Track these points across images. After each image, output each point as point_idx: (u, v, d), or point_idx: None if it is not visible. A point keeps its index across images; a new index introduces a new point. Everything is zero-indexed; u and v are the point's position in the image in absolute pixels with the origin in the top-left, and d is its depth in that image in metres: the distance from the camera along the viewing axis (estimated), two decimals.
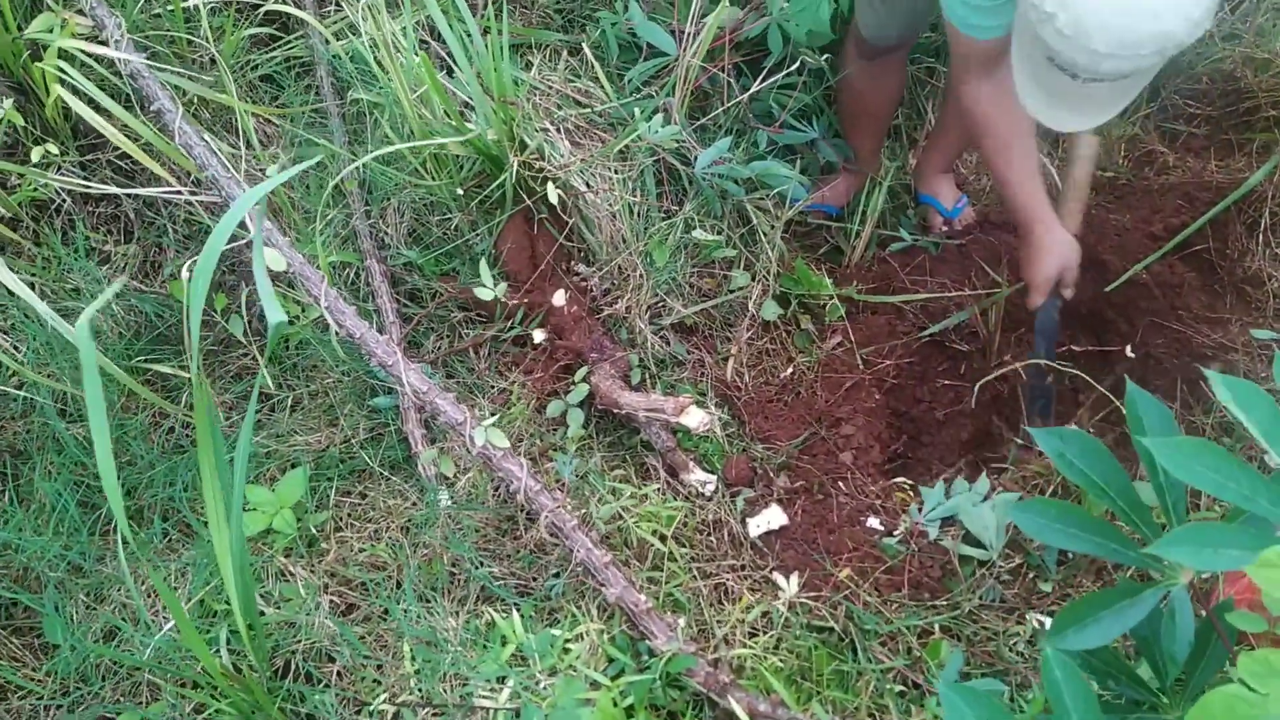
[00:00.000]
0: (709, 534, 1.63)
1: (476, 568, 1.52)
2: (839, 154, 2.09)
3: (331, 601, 1.54)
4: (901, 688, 1.38)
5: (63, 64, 1.75)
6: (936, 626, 1.49)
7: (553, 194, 1.72)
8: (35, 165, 1.80)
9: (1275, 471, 0.93)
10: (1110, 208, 2.11)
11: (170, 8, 1.93)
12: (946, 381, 1.97)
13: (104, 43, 1.80)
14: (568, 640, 1.38)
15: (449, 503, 1.63)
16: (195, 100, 1.95)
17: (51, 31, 1.78)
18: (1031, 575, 1.52)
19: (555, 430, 1.74)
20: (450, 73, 1.84)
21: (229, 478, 1.24)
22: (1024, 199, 1.70)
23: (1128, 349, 1.94)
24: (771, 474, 1.74)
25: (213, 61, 1.95)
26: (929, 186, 2.14)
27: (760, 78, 1.94)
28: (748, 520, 1.65)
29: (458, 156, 1.78)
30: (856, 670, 1.43)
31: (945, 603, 1.51)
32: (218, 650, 1.42)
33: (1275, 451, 0.87)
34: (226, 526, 1.23)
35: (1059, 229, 1.73)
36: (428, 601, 1.49)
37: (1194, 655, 1.04)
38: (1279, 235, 2.06)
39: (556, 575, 1.51)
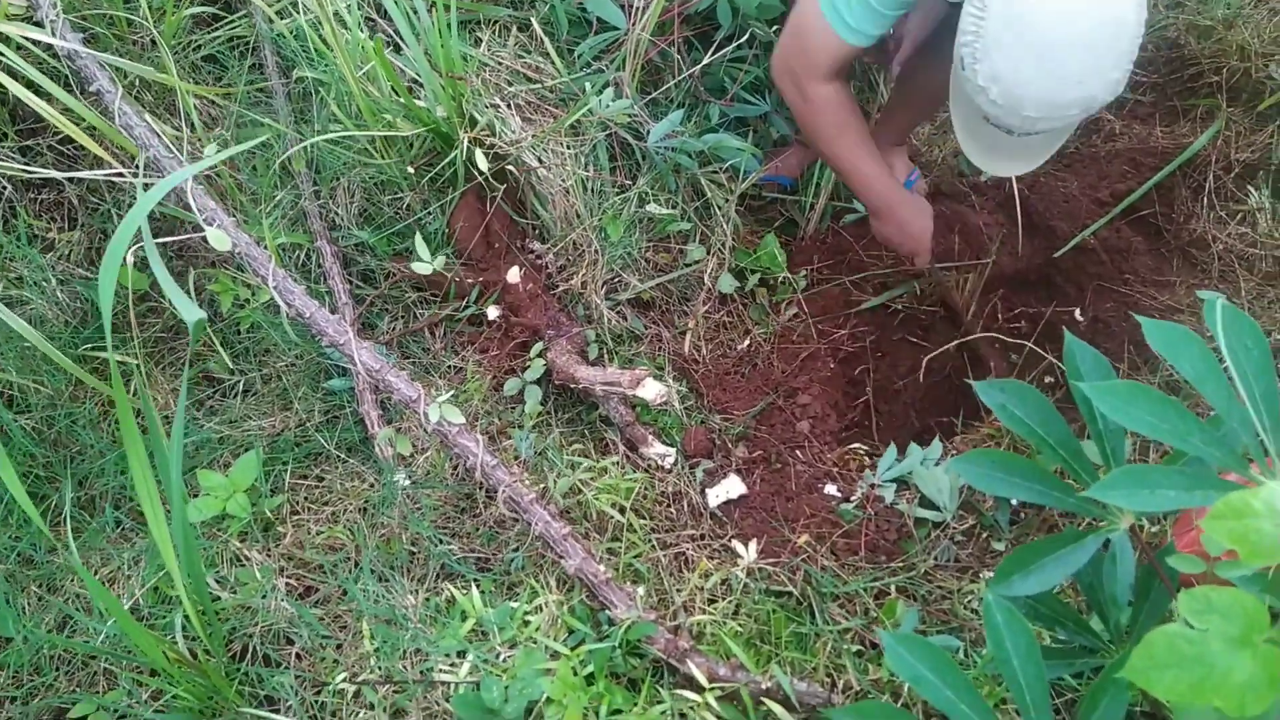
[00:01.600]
0: (668, 505, 1.63)
1: (436, 545, 1.51)
2: (791, 127, 2.10)
3: (289, 584, 1.53)
4: (858, 647, 1.40)
5: None
6: (893, 588, 1.51)
7: (482, 162, 1.69)
8: None
9: (1211, 415, 0.95)
10: (1058, 175, 2.14)
11: None
12: (905, 349, 1.99)
13: (39, 24, 1.76)
14: (527, 613, 1.38)
15: (407, 482, 1.62)
16: (137, 82, 1.91)
17: None
18: (985, 535, 1.54)
19: (513, 408, 1.73)
20: (397, 49, 1.82)
21: (171, 464, 1.22)
22: (881, 181, 1.74)
23: (1076, 313, 1.97)
24: (730, 444, 1.75)
25: (154, 43, 1.91)
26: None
27: (710, 50, 1.94)
28: (707, 491, 1.66)
29: (407, 135, 1.77)
30: (815, 632, 1.45)
31: (901, 564, 1.52)
32: (173, 636, 1.40)
33: (1206, 392, 0.89)
34: (164, 513, 1.22)
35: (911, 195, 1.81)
36: (386, 581, 1.48)
37: (1138, 600, 1.06)
38: (1223, 199, 2.10)
39: (516, 550, 1.51)
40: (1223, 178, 2.10)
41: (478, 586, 1.44)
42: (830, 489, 1.68)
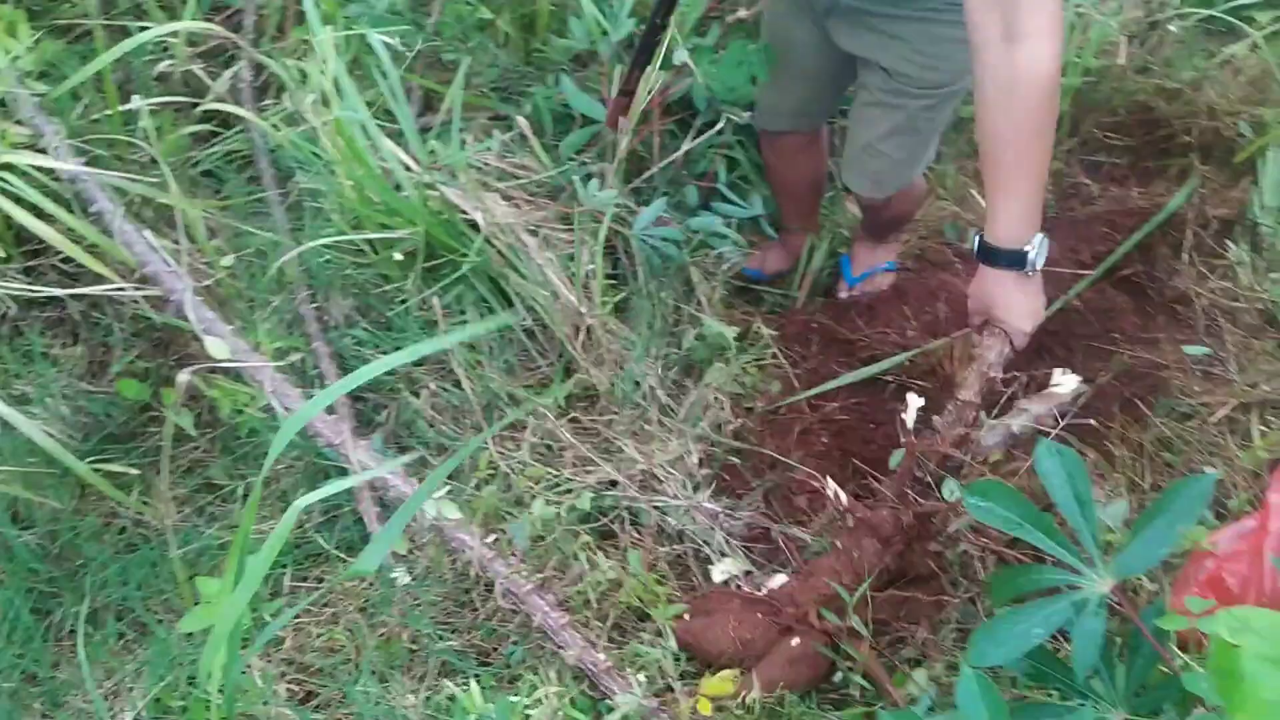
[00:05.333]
0: (669, 586, 1.63)
1: (435, 642, 1.50)
2: (774, 225, 2.15)
3: (290, 689, 1.52)
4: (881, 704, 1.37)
5: (3, 174, 1.78)
6: (907, 664, 1.49)
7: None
8: None
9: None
10: None
11: (109, 112, 1.98)
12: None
13: (43, 150, 1.84)
14: (527, 707, 1.36)
15: (407, 579, 1.62)
16: (138, 200, 1.98)
17: None
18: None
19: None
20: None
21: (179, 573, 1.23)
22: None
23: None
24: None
25: (153, 161, 1.99)
26: (850, 249, 2.20)
27: (691, 135, 2.01)
28: (709, 568, 1.66)
29: (398, 234, 1.82)
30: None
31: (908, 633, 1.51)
32: None
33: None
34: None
35: None
36: (386, 681, 1.47)
37: (1130, 657, 1.07)
38: (1203, 254, 2.13)
39: (516, 643, 1.50)
40: (1201, 234, 2.14)
41: (478, 681, 1.42)
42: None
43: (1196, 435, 1.77)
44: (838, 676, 1.44)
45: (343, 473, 1.73)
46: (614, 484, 1.69)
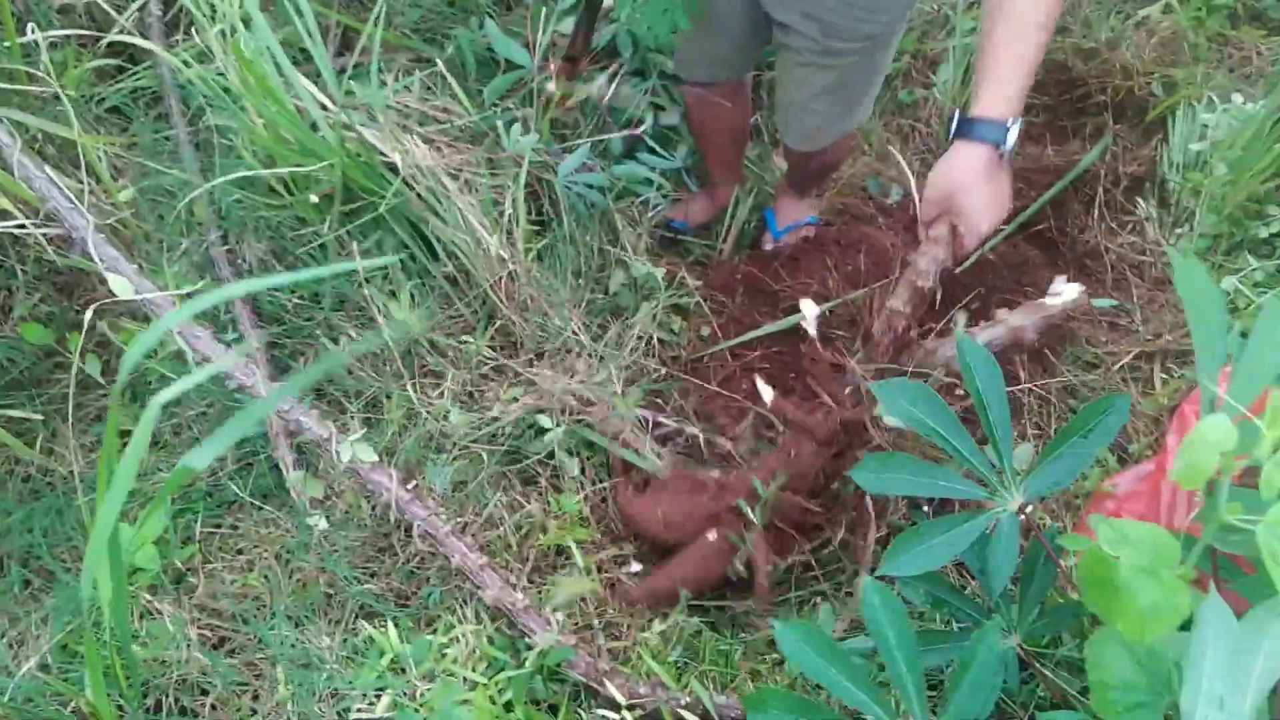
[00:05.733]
0: (592, 528, 1.64)
1: (352, 586, 1.49)
2: (698, 179, 2.15)
3: (202, 635, 1.49)
4: (776, 655, 1.41)
5: None
6: (819, 597, 1.53)
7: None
8: None
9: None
10: None
11: (6, 44, 1.87)
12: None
13: None
14: (444, 645, 1.37)
15: (325, 525, 1.60)
16: (39, 135, 1.89)
17: None
18: None
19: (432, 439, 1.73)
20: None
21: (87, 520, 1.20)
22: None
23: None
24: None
25: (56, 97, 1.90)
26: (774, 202, 2.22)
27: (615, 83, 1.99)
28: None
29: (312, 172, 1.77)
30: (740, 647, 1.46)
31: (824, 573, 1.55)
32: (83, 690, 1.36)
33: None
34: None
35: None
36: (302, 625, 1.46)
37: (1024, 577, 1.10)
38: (1113, 210, 2.20)
39: (435, 585, 1.50)
40: (1112, 191, 2.20)
41: (395, 623, 1.42)
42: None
43: (1101, 383, 1.84)
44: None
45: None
46: (540, 414, 1.69)
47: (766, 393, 1.53)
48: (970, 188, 1.29)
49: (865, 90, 1.79)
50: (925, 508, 1.61)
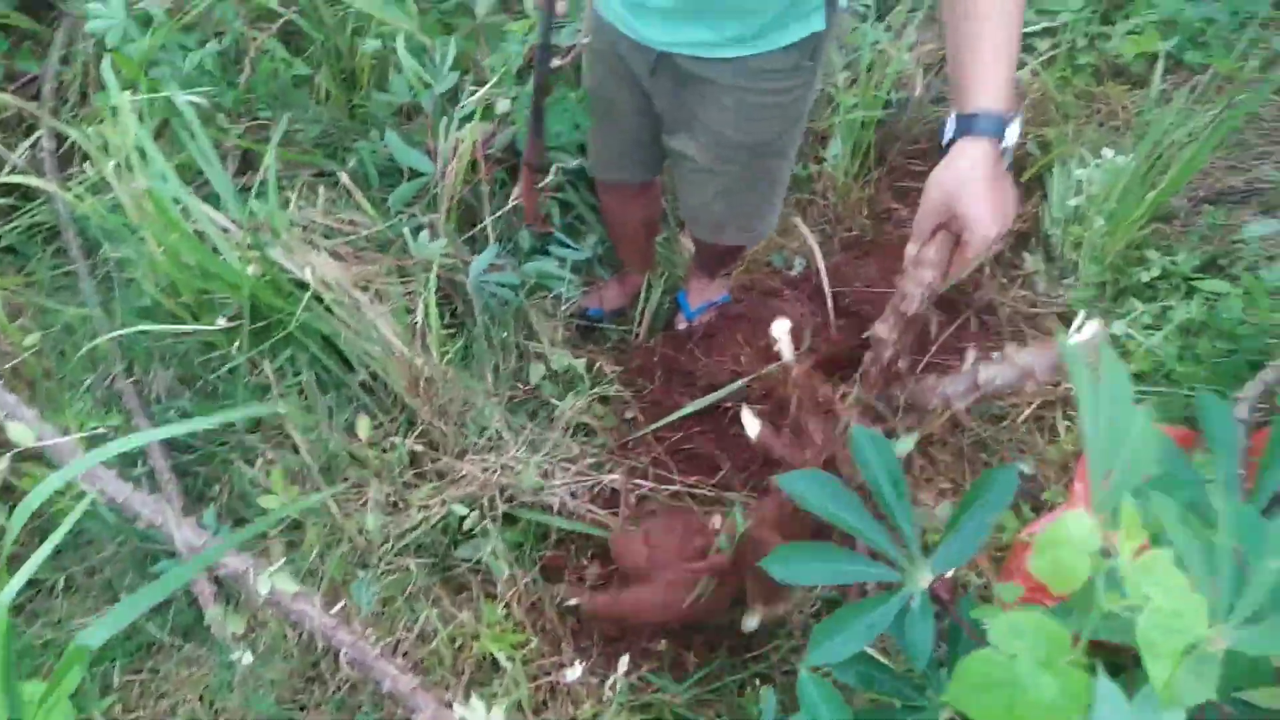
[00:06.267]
0: (527, 632, 1.62)
1: None
2: (610, 268, 2.19)
3: None
4: None
5: None
6: (757, 679, 1.53)
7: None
8: None
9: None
10: (858, 261, 2.31)
11: None
12: (742, 444, 2.06)
13: None
14: None
15: (250, 659, 1.55)
16: None
17: None
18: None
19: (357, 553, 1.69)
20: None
21: None
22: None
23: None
24: (585, 562, 1.76)
25: None
26: (685, 284, 2.27)
27: (520, 184, 2.03)
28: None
29: (224, 299, 1.76)
30: None
31: (755, 655, 1.55)
32: None
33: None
34: None
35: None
36: None
37: (952, 640, 1.12)
38: (1004, 266, 2.31)
39: (367, 713, 1.46)
40: (1001, 248, 2.31)
41: None
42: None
43: (1008, 435, 1.91)
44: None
45: (171, 555, 1.65)
46: (470, 511, 1.68)
47: (752, 427, 1.50)
48: (976, 188, 1.15)
49: (766, 198, 1.80)
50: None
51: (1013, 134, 1.20)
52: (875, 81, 2.36)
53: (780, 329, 1.43)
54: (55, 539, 0.80)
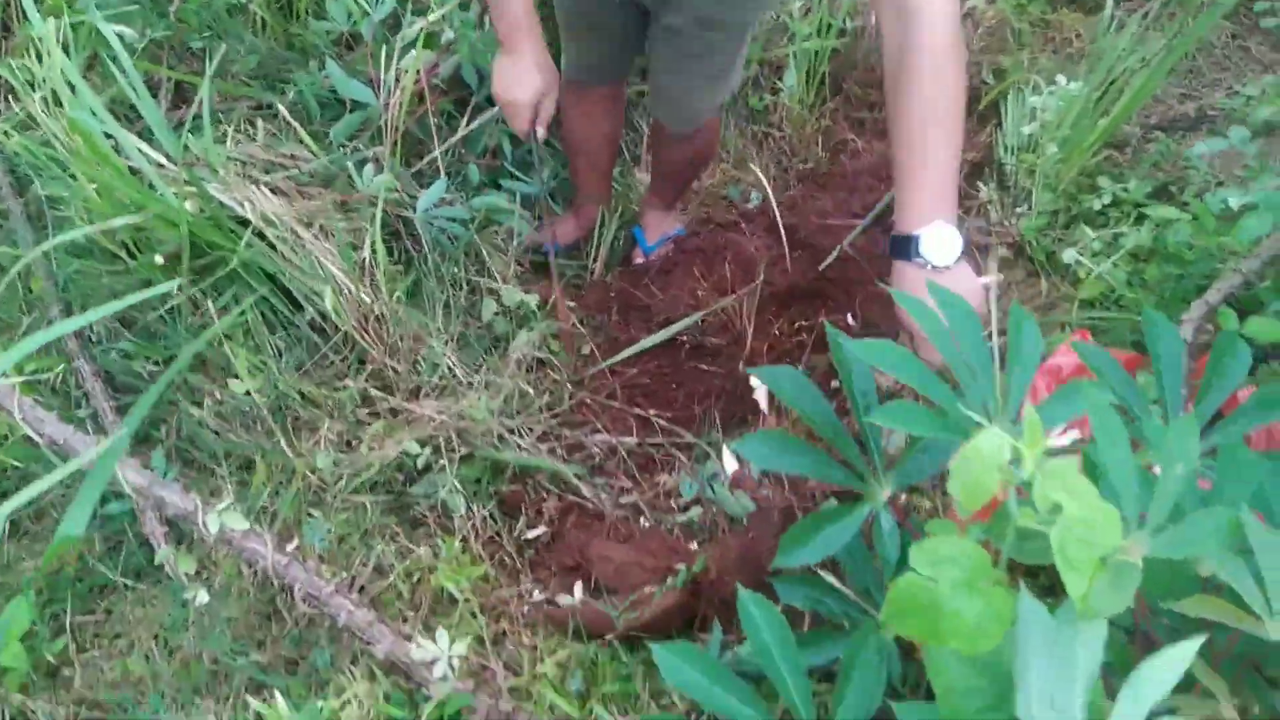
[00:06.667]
0: (485, 565, 1.63)
1: (235, 660, 1.44)
2: (564, 201, 2.15)
3: None
4: None
5: None
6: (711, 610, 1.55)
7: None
8: None
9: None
10: (814, 195, 2.30)
11: None
12: (697, 376, 2.07)
13: None
14: (336, 710, 1.34)
15: (206, 598, 1.54)
16: None
17: None
18: None
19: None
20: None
21: None
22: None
23: (849, 318, 2.10)
24: (543, 495, 1.77)
25: None
26: (641, 218, 2.25)
27: (467, 116, 1.98)
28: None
29: (161, 237, 1.71)
30: (640, 668, 1.47)
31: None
32: None
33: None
34: None
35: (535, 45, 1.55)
36: (186, 707, 1.41)
37: (901, 563, 1.15)
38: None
39: (323, 647, 1.46)
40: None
41: (285, 693, 1.38)
42: (643, 521, 1.72)
43: None
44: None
45: (120, 497, 1.63)
46: (423, 448, 1.67)
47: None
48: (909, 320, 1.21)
49: (736, 64, 1.84)
50: None
51: (931, 245, 1.21)
52: (830, 9, 2.32)
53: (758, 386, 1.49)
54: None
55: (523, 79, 1.56)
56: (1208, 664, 0.76)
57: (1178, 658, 0.63)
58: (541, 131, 1.66)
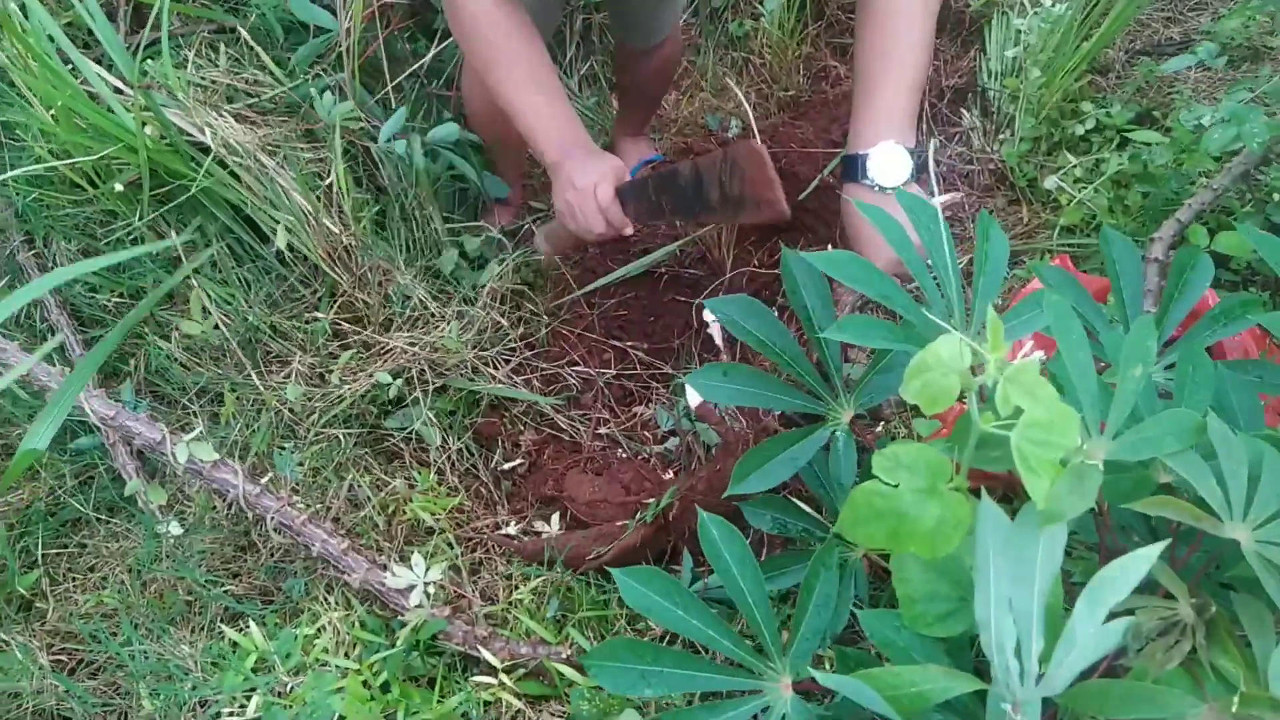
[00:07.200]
0: (461, 496, 1.63)
1: (210, 590, 1.44)
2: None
3: (57, 661, 1.42)
4: None
5: None
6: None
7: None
8: None
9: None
10: (794, 124, 2.25)
11: None
12: (675, 308, 2.05)
13: None
14: (312, 636, 1.34)
15: (179, 531, 1.54)
16: None
17: None
18: None
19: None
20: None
21: None
22: (547, 129, 1.42)
23: (829, 248, 2.08)
24: (520, 428, 1.76)
25: None
26: (615, 149, 2.20)
27: (435, 40, 1.92)
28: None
29: (122, 164, 1.66)
30: (615, 595, 1.48)
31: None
32: None
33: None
34: None
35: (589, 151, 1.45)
36: (161, 637, 1.41)
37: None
38: (940, 123, 2.27)
39: (297, 576, 1.46)
40: (937, 104, 2.27)
41: (260, 622, 1.38)
42: (620, 452, 1.72)
43: None
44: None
45: (90, 431, 1.61)
46: (395, 379, 1.66)
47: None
48: (867, 243, 1.24)
49: None
50: None
51: (879, 165, 1.21)
52: None
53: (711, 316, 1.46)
54: None
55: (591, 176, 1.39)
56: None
57: (1141, 559, 0.63)
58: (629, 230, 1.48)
